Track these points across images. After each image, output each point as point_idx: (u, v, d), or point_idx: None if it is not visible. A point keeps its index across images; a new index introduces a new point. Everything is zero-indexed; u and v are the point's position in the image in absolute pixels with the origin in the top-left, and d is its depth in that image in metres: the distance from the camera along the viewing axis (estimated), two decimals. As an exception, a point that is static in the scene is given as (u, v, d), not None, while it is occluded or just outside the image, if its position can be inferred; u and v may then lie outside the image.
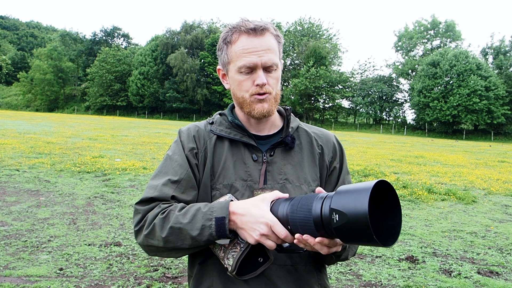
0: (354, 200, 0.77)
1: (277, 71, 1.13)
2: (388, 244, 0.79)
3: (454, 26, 54.60)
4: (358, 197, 0.77)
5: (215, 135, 1.18)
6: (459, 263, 4.38)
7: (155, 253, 1.08)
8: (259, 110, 1.12)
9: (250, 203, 0.99)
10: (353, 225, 0.76)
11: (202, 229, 0.98)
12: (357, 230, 0.76)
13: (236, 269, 0.97)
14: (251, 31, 1.08)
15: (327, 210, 0.84)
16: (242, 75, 1.10)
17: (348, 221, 0.77)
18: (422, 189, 8.29)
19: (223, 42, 1.14)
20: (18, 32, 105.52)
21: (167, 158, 1.17)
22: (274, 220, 0.94)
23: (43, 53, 69.12)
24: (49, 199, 6.41)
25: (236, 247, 0.99)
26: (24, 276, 3.54)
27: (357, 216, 0.75)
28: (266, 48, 1.09)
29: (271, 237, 0.94)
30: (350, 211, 0.77)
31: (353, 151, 16.97)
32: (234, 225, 0.98)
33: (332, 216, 0.80)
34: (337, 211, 0.79)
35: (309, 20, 61.90)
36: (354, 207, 0.76)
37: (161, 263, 3.99)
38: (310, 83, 49.38)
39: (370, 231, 0.74)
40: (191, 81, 56.51)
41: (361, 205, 0.75)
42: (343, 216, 0.78)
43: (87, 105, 65.46)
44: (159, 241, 1.02)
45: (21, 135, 16.32)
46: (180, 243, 1.01)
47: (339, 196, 0.81)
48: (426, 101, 44.50)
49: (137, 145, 15.00)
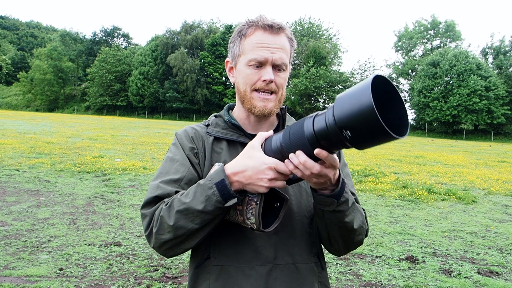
0: (356, 100, 0.74)
1: (286, 72, 1.13)
2: (401, 134, 0.77)
3: (454, 26, 54.58)
4: (360, 96, 0.74)
5: (212, 136, 1.18)
6: (459, 263, 4.38)
7: (172, 251, 1.04)
8: (261, 109, 1.12)
9: (244, 157, 0.97)
10: (362, 125, 0.74)
11: (207, 200, 0.96)
12: (367, 129, 0.74)
13: (261, 224, 0.96)
14: (268, 27, 1.09)
15: (320, 124, 0.83)
16: (250, 69, 1.10)
17: (357, 123, 0.75)
18: (422, 189, 8.29)
19: (237, 34, 1.14)
20: (18, 32, 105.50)
21: (167, 159, 1.16)
22: (275, 160, 0.93)
23: (43, 53, 69.07)
24: (49, 199, 6.41)
25: (251, 204, 0.97)
26: (24, 276, 3.54)
27: (365, 114, 0.73)
28: (279, 46, 1.09)
29: (279, 177, 0.94)
30: (354, 108, 0.74)
31: (353, 151, 16.96)
32: (239, 185, 0.96)
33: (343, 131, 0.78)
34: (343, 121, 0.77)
35: (309, 20, 61.91)
36: (360, 105, 0.73)
37: (161, 263, 3.99)
38: (310, 83, 49.37)
39: (382, 125, 0.71)
40: (191, 81, 56.49)
41: (365, 102, 0.72)
42: (351, 122, 0.76)
43: (87, 105, 65.43)
44: (169, 232, 0.99)
45: (21, 135, 16.31)
46: (191, 224, 0.98)
47: (339, 102, 0.79)
48: (426, 101, 44.49)
49: (137, 145, 14.99)
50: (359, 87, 0.75)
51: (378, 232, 5.41)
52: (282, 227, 1.10)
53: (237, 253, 1.09)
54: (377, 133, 0.74)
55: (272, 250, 1.10)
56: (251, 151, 0.96)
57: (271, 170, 0.93)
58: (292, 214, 1.13)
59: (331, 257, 4.29)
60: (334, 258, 4.33)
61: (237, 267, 1.08)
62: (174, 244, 1.02)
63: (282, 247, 1.11)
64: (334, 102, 0.80)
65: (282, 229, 1.10)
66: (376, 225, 5.77)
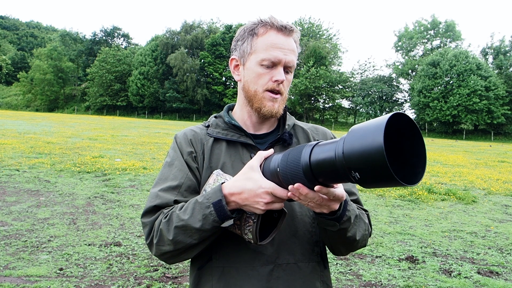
0: (368, 137, 0.69)
1: (292, 75, 1.14)
2: (413, 181, 0.73)
3: (454, 26, 54.59)
4: (372, 133, 0.69)
5: (212, 137, 1.18)
6: (459, 263, 4.38)
7: (173, 259, 1.07)
8: (269, 109, 1.12)
9: (242, 177, 0.97)
10: (369, 165, 0.69)
11: (204, 219, 0.97)
12: (375, 170, 0.69)
13: (258, 239, 0.97)
14: (282, 28, 1.09)
15: (319, 157, 0.79)
16: (262, 68, 1.10)
17: (366, 166, 0.70)
18: (422, 189, 8.29)
19: (248, 32, 1.13)
20: (18, 32, 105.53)
21: (165, 165, 1.16)
22: (272, 185, 0.92)
23: (43, 53, 69.09)
24: (49, 199, 6.41)
25: (249, 221, 0.98)
26: (24, 276, 3.54)
27: (373, 155, 0.68)
28: (291, 48, 1.10)
29: (276, 200, 0.94)
30: (364, 151, 0.70)
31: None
32: (236, 205, 0.97)
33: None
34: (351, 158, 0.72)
35: (309, 20, 61.96)
36: (371, 143, 0.68)
37: (161, 263, 3.99)
38: (310, 83, 49.38)
39: (391, 173, 0.67)
40: (191, 81, 56.50)
41: (376, 142, 0.67)
42: (359, 160, 0.71)
43: (87, 105, 65.45)
44: (169, 245, 1.02)
45: (21, 135, 16.32)
46: (189, 240, 1.00)
47: (351, 138, 0.73)
48: (426, 101, 44.51)
49: (137, 145, 14.99)
50: (373, 126, 0.71)
51: (378, 232, 5.41)
52: (284, 226, 1.10)
53: (238, 254, 1.09)
54: (387, 180, 0.70)
55: (273, 250, 1.10)
56: (249, 172, 0.96)
57: (268, 194, 0.92)
58: (295, 213, 1.13)
59: (331, 257, 4.30)
60: (334, 258, 4.33)
61: (239, 268, 1.09)
62: (174, 255, 1.05)
63: (284, 246, 1.11)
64: (346, 135, 0.75)
65: (284, 228, 1.10)
66: (376, 225, 5.77)
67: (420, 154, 0.77)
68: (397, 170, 0.74)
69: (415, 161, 0.77)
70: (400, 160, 0.77)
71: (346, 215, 1.00)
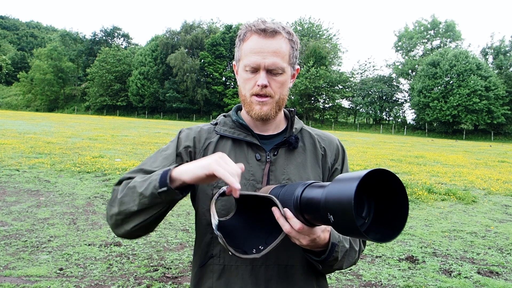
0: (342, 188, 0.71)
1: (283, 75, 1.11)
2: (384, 238, 0.74)
3: (454, 26, 54.61)
4: (347, 185, 0.71)
5: (218, 135, 1.19)
6: (459, 263, 4.38)
7: (117, 229, 1.04)
8: (257, 112, 1.12)
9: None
10: (340, 216, 0.71)
11: (148, 184, 0.96)
12: (344, 221, 0.71)
13: (230, 250, 0.91)
14: (261, 31, 1.08)
15: (308, 196, 0.83)
16: (247, 74, 1.11)
17: (338, 213, 0.72)
18: (422, 189, 8.29)
19: (238, 38, 1.15)
20: (18, 32, 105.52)
21: (157, 150, 1.19)
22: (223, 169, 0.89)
23: (43, 53, 69.10)
24: (49, 199, 6.41)
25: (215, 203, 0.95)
26: (24, 276, 3.54)
27: (342, 206, 0.70)
28: (272, 50, 1.08)
29: (223, 165, 0.89)
30: (334, 200, 0.72)
31: (353, 151, 16.97)
32: (181, 176, 0.93)
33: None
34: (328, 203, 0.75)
35: (309, 20, 61.99)
36: (341, 195, 0.71)
37: (161, 263, 3.99)
38: (310, 83, 49.39)
39: (355, 223, 0.68)
40: (191, 81, 56.52)
41: (347, 194, 0.69)
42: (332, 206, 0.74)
43: (87, 105, 65.47)
44: (116, 205, 1.02)
45: (21, 135, 16.32)
46: (131, 204, 0.99)
47: (335, 182, 0.76)
48: (426, 101, 44.51)
49: (137, 145, 15.00)
50: (352, 176, 0.72)
51: (378, 232, 5.41)
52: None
53: None
54: (354, 231, 0.71)
55: (273, 250, 1.10)
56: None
57: (217, 155, 0.92)
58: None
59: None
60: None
61: (239, 266, 1.10)
62: (118, 220, 1.03)
63: (283, 248, 1.11)
64: (333, 180, 0.78)
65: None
66: (376, 225, 5.77)
67: (400, 214, 0.78)
68: (374, 223, 0.79)
69: (394, 220, 0.78)
70: (381, 215, 0.80)
71: (333, 255, 1.02)
